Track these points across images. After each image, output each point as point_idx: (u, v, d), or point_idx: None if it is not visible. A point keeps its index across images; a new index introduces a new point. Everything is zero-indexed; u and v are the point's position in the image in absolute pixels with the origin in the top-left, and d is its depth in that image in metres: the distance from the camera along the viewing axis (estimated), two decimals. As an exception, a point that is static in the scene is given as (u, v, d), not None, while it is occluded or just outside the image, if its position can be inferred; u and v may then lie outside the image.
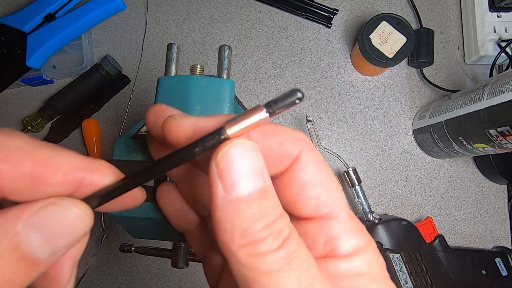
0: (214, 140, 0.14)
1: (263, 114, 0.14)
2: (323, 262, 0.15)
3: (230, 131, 0.14)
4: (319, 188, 0.16)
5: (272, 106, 0.14)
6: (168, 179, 0.25)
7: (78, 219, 0.14)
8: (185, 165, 0.20)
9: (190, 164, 0.21)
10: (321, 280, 0.14)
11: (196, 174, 0.21)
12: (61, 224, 0.14)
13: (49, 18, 0.49)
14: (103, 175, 0.16)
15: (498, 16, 0.55)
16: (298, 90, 0.14)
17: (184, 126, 0.16)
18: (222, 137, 0.14)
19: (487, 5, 0.55)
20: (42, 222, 0.13)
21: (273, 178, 0.16)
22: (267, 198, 0.14)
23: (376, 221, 0.47)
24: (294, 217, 0.17)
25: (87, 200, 0.15)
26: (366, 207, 0.48)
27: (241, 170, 0.14)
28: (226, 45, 0.32)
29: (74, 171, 0.15)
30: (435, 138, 0.50)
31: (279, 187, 0.16)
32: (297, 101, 0.14)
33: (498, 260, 0.50)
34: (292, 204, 0.16)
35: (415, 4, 0.57)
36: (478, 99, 0.41)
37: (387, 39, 0.50)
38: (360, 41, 0.51)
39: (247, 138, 0.15)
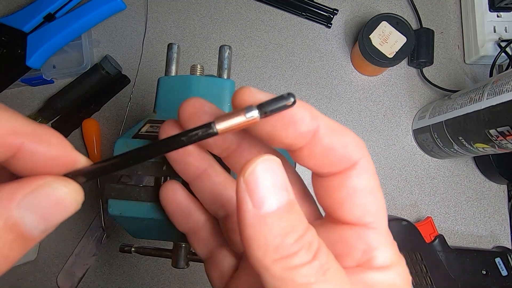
0: (202, 133, 0.14)
1: (253, 114, 0.14)
2: (356, 271, 0.15)
3: (219, 126, 0.14)
4: (369, 197, 0.16)
5: (263, 108, 0.14)
6: (168, 178, 0.25)
7: (69, 198, 0.14)
8: (202, 163, 0.21)
9: (208, 162, 0.21)
10: None
11: (214, 172, 0.21)
12: (53, 203, 0.14)
13: (49, 18, 0.49)
14: (46, 144, 0.15)
15: (498, 16, 0.55)
16: (291, 95, 0.14)
17: (257, 100, 0.15)
18: (210, 131, 0.14)
19: (487, 5, 0.55)
20: (36, 202, 0.13)
21: (323, 176, 0.16)
22: (294, 212, 0.14)
23: (376, 221, 0.47)
24: (331, 220, 0.17)
25: (74, 175, 0.15)
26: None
27: (268, 185, 0.13)
28: (226, 45, 0.32)
29: (11, 135, 0.14)
30: (435, 138, 0.50)
31: (327, 186, 0.16)
32: (289, 106, 0.14)
33: (498, 260, 0.50)
34: (337, 206, 0.16)
35: (415, 4, 0.57)
36: (478, 99, 0.41)
37: (387, 39, 0.50)
38: (360, 41, 0.51)
39: (313, 120, 0.15)
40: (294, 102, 0.14)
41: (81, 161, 0.16)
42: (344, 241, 0.16)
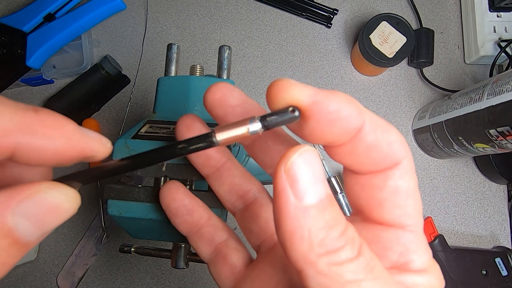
0: (202, 144, 0.14)
1: (256, 127, 0.14)
2: (392, 273, 0.15)
3: (219, 137, 0.14)
4: (410, 198, 0.15)
5: (267, 121, 0.14)
6: (168, 179, 0.25)
7: (65, 205, 0.14)
8: (222, 156, 0.21)
9: (227, 155, 0.21)
10: None
11: (233, 165, 0.21)
12: (48, 210, 0.13)
13: (49, 18, 0.49)
14: (48, 138, 0.13)
15: (498, 16, 0.55)
16: (296, 109, 0.13)
17: (303, 95, 0.14)
18: (210, 142, 0.14)
19: (487, 5, 0.55)
20: (30, 209, 0.13)
21: (360, 174, 0.16)
22: (335, 206, 0.13)
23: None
24: (364, 219, 0.16)
25: (69, 181, 0.14)
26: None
27: (310, 176, 0.13)
28: (226, 45, 0.32)
29: (5, 135, 0.13)
30: (435, 138, 0.50)
31: (365, 185, 0.15)
32: (293, 120, 0.13)
33: (498, 260, 0.50)
34: (374, 206, 0.15)
35: (415, 4, 0.57)
36: (478, 99, 0.41)
37: (387, 39, 0.50)
38: (360, 41, 0.51)
39: (360, 115, 0.14)
40: (298, 116, 0.13)
41: (95, 147, 0.14)
42: (379, 242, 0.15)
